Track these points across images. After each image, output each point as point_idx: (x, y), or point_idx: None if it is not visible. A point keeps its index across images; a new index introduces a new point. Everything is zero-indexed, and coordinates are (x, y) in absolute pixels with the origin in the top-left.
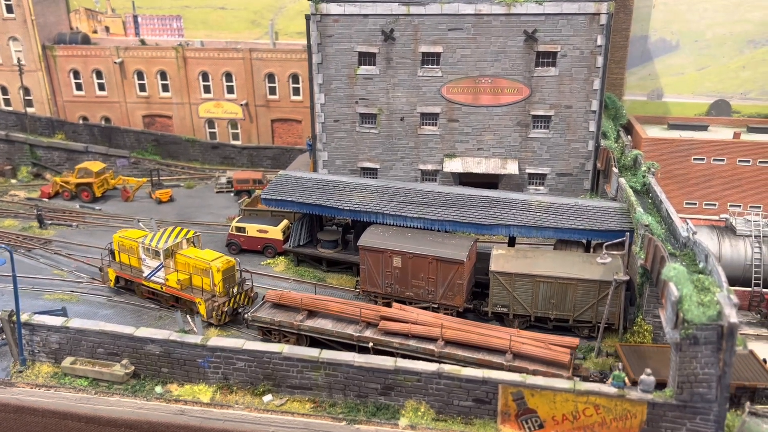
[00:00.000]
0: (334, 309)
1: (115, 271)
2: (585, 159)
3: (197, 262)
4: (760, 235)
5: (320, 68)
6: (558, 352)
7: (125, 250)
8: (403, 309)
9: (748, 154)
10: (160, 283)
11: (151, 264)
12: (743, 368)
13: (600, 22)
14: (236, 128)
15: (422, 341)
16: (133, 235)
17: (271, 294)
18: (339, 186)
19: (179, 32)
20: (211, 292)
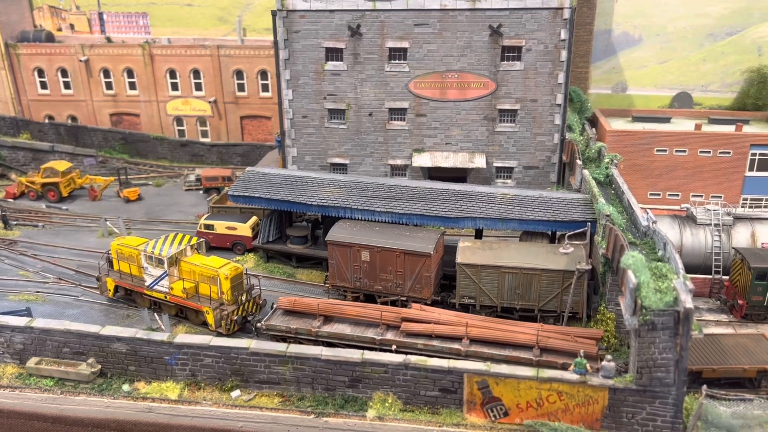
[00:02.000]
0: (352, 313)
1: (114, 281)
2: (551, 152)
3: (203, 269)
4: (719, 224)
5: (287, 64)
6: (585, 345)
7: (125, 259)
8: (424, 309)
9: (709, 145)
10: (164, 292)
11: (153, 272)
12: (761, 351)
13: (563, 16)
14: (205, 126)
15: (446, 341)
16: (133, 242)
17: (284, 301)
18: (307, 181)
19: (146, 29)
20: (219, 301)
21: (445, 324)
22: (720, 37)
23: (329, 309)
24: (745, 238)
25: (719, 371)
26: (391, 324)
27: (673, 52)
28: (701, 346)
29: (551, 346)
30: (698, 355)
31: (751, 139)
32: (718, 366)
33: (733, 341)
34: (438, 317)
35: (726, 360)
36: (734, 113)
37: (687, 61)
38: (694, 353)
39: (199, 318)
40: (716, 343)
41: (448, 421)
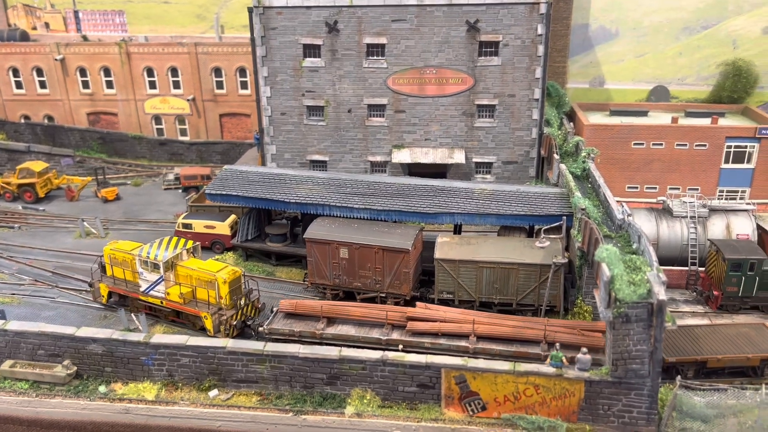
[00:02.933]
0: (356, 313)
1: (107, 286)
2: (529, 147)
3: (201, 273)
4: (695, 216)
5: (265, 61)
6: (593, 337)
7: (118, 264)
8: (429, 307)
9: (685, 138)
10: (160, 298)
11: (149, 277)
12: (763, 340)
13: (540, 11)
14: (184, 124)
15: (453, 339)
16: (127, 247)
17: (285, 303)
18: (285, 179)
19: (122, 27)
20: (217, 305)
21: (451, 322)
22: (695, 31)
23: (333, 310)
24: (721, 229)
25: (724, 360)
26: (396, 324)
27: (649, 46)
28: (704, 336)
29: (558, 341)
30: (702, 346)
31: (726, 132)
32: (722, 355)
33: (734, 331)
34: (443, 315)
35: (730, 349)
36: (710, 106)
37: (663, 54)
38: (699, 344)
39: (197, 323)
40: (719, 333)
41: (426, 417)
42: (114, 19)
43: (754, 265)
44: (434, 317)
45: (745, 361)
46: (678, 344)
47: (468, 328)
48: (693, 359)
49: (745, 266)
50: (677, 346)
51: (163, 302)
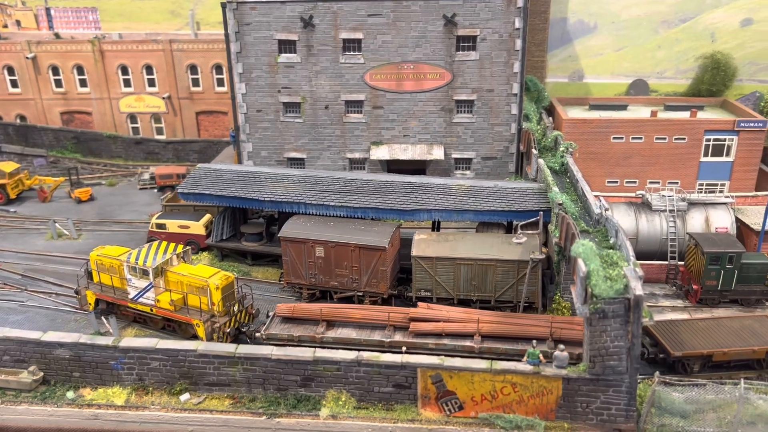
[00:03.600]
0: (356, 316)
1: (95, 294)
2: (508, 142)
3: (192, 279)
4: (674, 210)
5: (239, 57)
6: None
7: (105, 270)
8: (431, 308)
9: (664, 131)
10: (150, 305)
11: (138, 284)
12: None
13: (517, 4)
14: (160, 122)
15: (457, 339)
16: (114, 252)
17: (282, 307)
18: (260, 177)
19: (96, 25)
20: (209, 312)
21: (455, 321)
22: (674, 24)
23: (332, 313)
24: (700, 223)
25: (730, 354)
26: (398, 325)
27: (628, 40)
28: (709, 330)
29: (564, 338)
30: (709, 339)
31: (705, 125)
32: (728, 349)
33: (738, 324)
34: (447, 315)
35: (735, 342)
36: (689, 99)
37: (642, 48)
38: (705, 338)
39: (189, 331)
40: (723, 327)
41: (402, 417)
42: (87, 16)
43: (733, 259)
44: (437, 317)
45: (751, 354)
46: (683, 338)
47: (472, 328)
48: (699, 353)
49: (723, 260)
50: (682, 341)
51: (153, 310)
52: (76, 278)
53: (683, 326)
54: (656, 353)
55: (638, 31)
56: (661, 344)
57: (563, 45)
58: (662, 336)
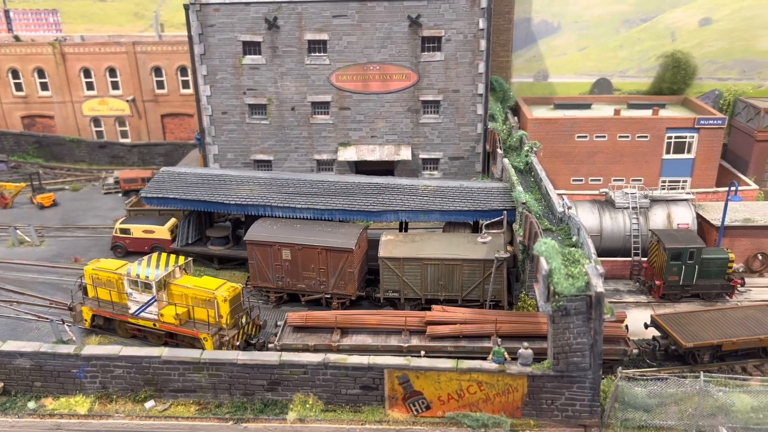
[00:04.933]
0: (372, 322)
1: (91, 309)
2: (475, 142)
3: (198, 292)
4: (637, 207)
5: (203, 59)
6: (613, 328)
7: (102, 284)
8: (446, 310)
9: (627, 129)
10: (153, 319)
11: (139, 298)
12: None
13: (480, 5)
14: (124, 125)
15: (475, 341)
16: (111, 266)
17: (294, 316)
18: (225, 180)
19: (56, 27)
20: (217, 325)
21: (472, 323)
22: (635, 24)
23: (347, 320)
24: (662, 219)
25: (738, 343)
26: (414, 329)
27: (591, 39)
28: (715, 321)
29: None
30: (717, 330)
31: (667, 123)
32: (737, 338)
33: (741, 314)
34: (463, 317)
35: (742, 332)
36: (651, 98)
37: (605, 47)
38: (713, 328)
39: (196, 346)
40: (728, 317)
41: (370, 419)
42: (47, 18)
43: (694, 254)
44: (454, 320)
45: (758, 343)
46: (693, 330)
47: (490, 329)
48: (709, 343)
49: (684, 255)
50: (692, 332)
51: (156, 324)
52: (70, 293)
53: (690, 318)
54: (667, 345)
55: (601, 30)
56: (672, 336)
57: (528, 45)
58: (672, 328)
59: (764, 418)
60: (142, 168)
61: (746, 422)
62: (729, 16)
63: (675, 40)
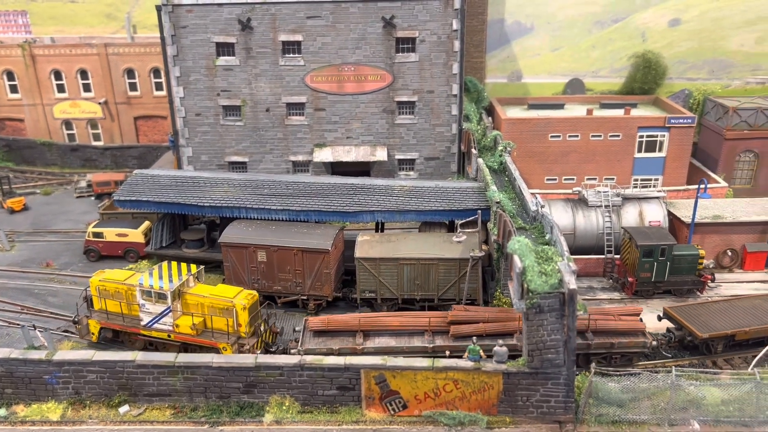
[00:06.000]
0: (395, 324)
1: (99, 322)
2: (450, 142)
3: (215, 300)
4: (609, 205)
5: (176, 60)
6: (632, 321)
7: (110, 296)
8: (468, 309)
9: (600, 129)
10: (167, 331)
11: (152, 309)
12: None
13: (454, 6)
14: (97, 128)
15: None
16: (119, 276)
17: (315, 321)
18: (199, 182)
19: (26, 28)
20: (236, 334)
21: (495, 321)
22: (607, 24)
23: (370, 323)
24: (634, 217)
25: (750, 332)
26: (436, 330)
27: (564, 40)
28: (725, 311)
29: (601, 328)
30: (729, 320)
31: (638, 122)
32: (749, 327)
33: (749, 304)
34: (485, 315)
35: (753, 321)
36: (623, 97)
37: (577, 48)
38: (725, 318)
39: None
40: (736, 308)
41: (347, 419)
42: (16, 19)
43: (665, 251)
44: (477, 318)
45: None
46: (705, 321)
47: (513, 326)
48: (724, 333)
49: (656, 252)
50: (706, 323)
51: (171, 336)
52: (76, 306)
53: (702, 309)
54: (683, 336)
55: (573, 31)
56: (687, 328)
57: (501, 46)
58: (686, 320)
59: (734, 411)
60: (115, 171)
61: (717, 415)
62: (698, 17)
63: (645, 41)
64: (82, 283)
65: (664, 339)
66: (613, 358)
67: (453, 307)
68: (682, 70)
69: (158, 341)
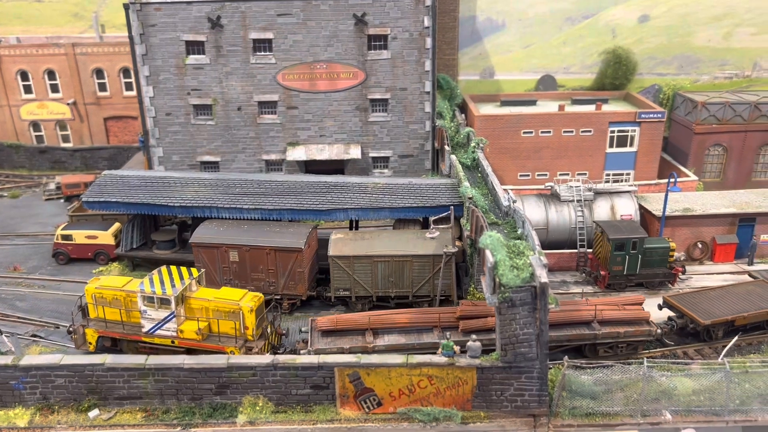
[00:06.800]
0: (404, 321)
1: (97, 331)
2: (424, 140)
3: (220, 304)
4: (581, 200)
5: (145, 60)
6: (637, 310)
7: (107, 303)
8: (476, 305)
9: (572, 124)
10: (171, 336)
11: (155, 315)
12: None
13: (425, 3)
14: (66, 129)
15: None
16: (116, 283)
17: (323, 321)
18: (170, 182)
19: None
20: (243, 337)
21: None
22: (577, 21)
23: (379, 321)
24: (606, 211)
25: (749, 317)
26: (446, 325)
27: (535, 37)
28: (722, 298)
29: (608, 318)
30: (727, 306)
31: (610, 117)
32: (747, 313)
33: (743, 290)
34: (492, 309)
35: (749, 307)
36: (594, 93)
37: (548, 44)
38: (723, 305)
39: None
40: (732, 294)
41: (321, 418)
42: None
43: (636, 244)
44: (485, 313)
45: (765, 316)
46: (705, 308)
47: None
48: (724, 319)
49: (628, 245)
50: (706, 310)
51: (176, 341)
52: (71, 316)
53: (700, 297)
54: (685, 324)
55: (544, 27)
56: (689, 315)
57: (473, 43)
58: (688, 308)
59: (705, 400)
60: (85, 173)
61: (688, 405)
62: (666, 13)
63: (615, 37)
64: (51, 286)
65: (667, 327)
66: (618, 346)
67: (461, 302)
68: (652, 65)
69: (161, 348)
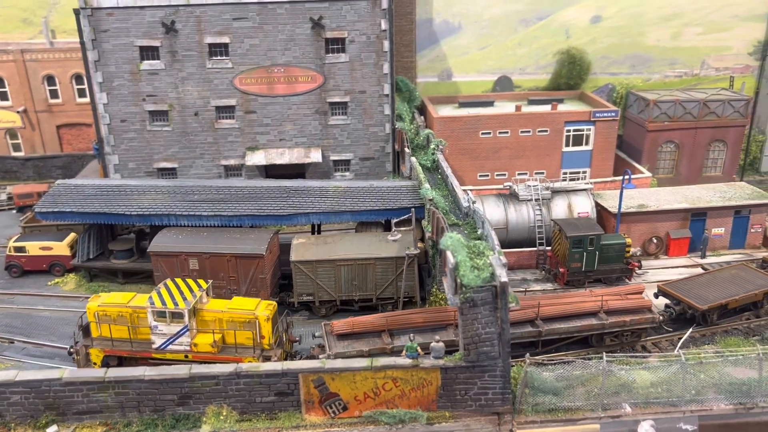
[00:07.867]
0: (419, 320)
1: (102, 351)
2: (384, 142)
3: (235, 314)
4: (539, 199)
5: (98, 66)
6: (638, 299)
7: (112, 321)
8: None
9: (528, 125)
10: (184, 351)
11: (166, 330)
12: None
13: (382, 6)
14: (16, 138)
15: (519, 326)
16: (120, 300)
17: (340, 324)
18: (126, 190)
19: None
20: (260, 347)
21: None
22: (531, 22)
23: (395, 322)
24: (563, 209)
25: (740, 300)
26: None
27: (491, 38)
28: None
29: (613, 308)
30: (719, 291)
31: (565, 117)
32: (738, 296)
33: (727, 274)
34: None
35: (739, 290)
36: (550, 93)
37: (504, 46)
38: (715, 290)
39: None
40: (719, 279)
41: (287, 425)
42: None
43: (593, 241)
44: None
45: (754, 298)
46: (699, 294)
47: (532, 313)
48: (719, 304)
49: (585, 242)
50: (702, 296)
51: (189, 356)
52: (73, 336)
53: (692, 284)
54: (683, 310)
55: (499, 29)
56: (686, 302)
57: (431, 45)
58: (683, 295)
59: (662, 392)
60: (38, 182)
61: (647, 397)
62: (617, 13)
63: (569, 37)
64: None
65: (666, 314)
66: (623, 335)
67: None
68: (605, 65)
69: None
